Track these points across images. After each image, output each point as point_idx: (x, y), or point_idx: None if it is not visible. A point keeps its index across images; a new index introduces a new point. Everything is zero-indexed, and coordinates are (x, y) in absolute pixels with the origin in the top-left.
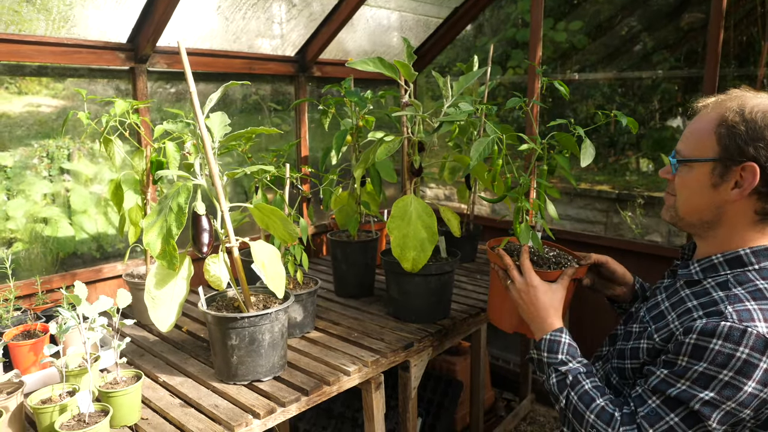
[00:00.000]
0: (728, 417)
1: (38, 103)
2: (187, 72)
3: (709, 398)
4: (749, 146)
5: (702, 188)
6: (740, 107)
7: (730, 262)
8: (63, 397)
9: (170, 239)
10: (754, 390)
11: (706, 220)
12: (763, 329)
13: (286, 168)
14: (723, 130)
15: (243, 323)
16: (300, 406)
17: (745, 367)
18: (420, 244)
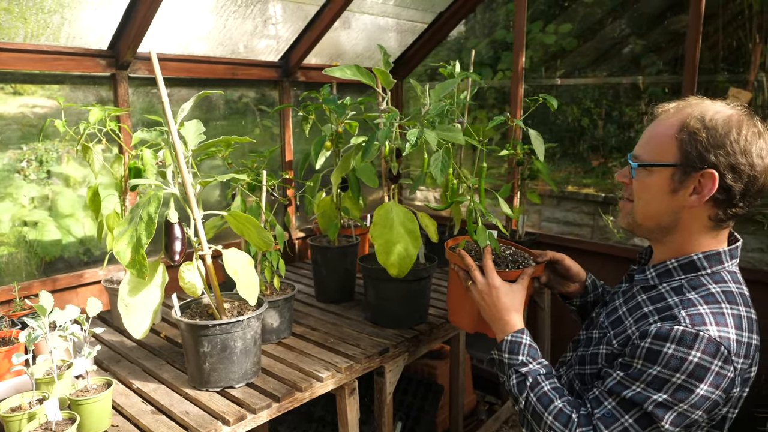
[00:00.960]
0: (681, 418)
1: (32, 104)
2: (158, 80)
3: (662, 400)
4: (710, 153)
5: (661, 193)
6: (701, 114)
7: (684, 267)
8: (33, 405)
9: (140, 248)
10: (706, 392)
11: (664, 226)
12: (714, 333)
13: (263, 175)
14: (684, 136)
15: (215, 330)
16: (271, 412)
17: (697, 370)
18: (404, 248)
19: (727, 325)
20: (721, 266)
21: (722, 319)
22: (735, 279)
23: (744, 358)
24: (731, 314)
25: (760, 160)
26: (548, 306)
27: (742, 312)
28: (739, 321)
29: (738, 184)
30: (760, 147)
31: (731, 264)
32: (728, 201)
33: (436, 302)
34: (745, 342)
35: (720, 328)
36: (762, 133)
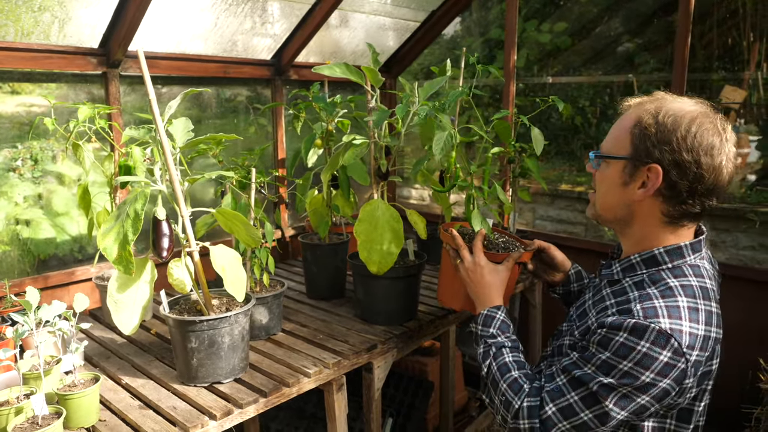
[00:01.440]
0: (627, 401)
1: (30, 103)
2: (145, 77)
3: (607, 382)
4: (656, 148)
5: (615, 185)
6: (656, 110)
7: (646, 262)
8: (20, 400)
9: (126, 245)
10: (652, 380)
11: (620, 218)
12: (665, 325)
13: (252, 172)
14: (637, 130)
15: (202, 326)
16: (258, 407)
17: (644, 359)
18: (387, 248)
19: (681, 318)
20: (682, 260)
21: (676, 312)
22: (697, 273)
23: (700, 350)
24: (686, 307)
25: (708, 158)
26: (539, 303)
27: (699, 305)
28: (695, 314)
29: (683, 181)
30: (710, 145)
31: (694, 258)
32: (675, 197)
33: (425, 299)
34: (701, 335)
35: (672, 320)
36: (718, 132)
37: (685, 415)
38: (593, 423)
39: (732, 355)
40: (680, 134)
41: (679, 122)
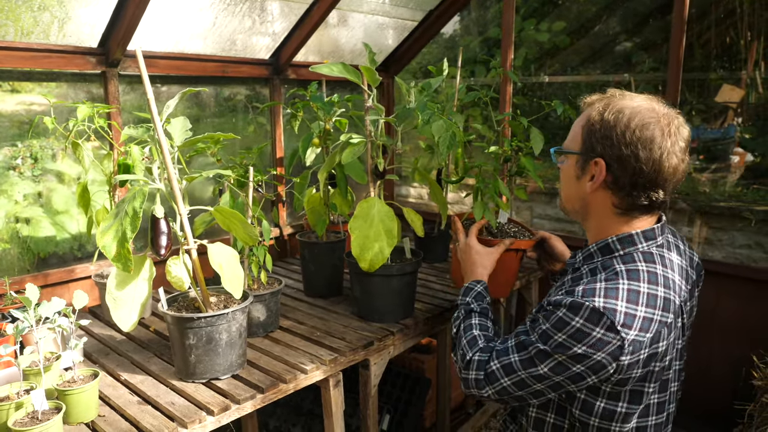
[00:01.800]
0: (560, 368)
1: (29, 102)
2: (143, 77)
3: (543, 349)
4: (599, 143)
5: (571, 179)
6: (603, 108)
7: (602, 250)
8: (20, 395)
9: (125, 242)
10: (584, 352)
11: (578, 209)
12: (599, 304)
13: (250, 171)
14: (586, 127)
15: (200, 323)
16: (255, 403)
17: (578, 333)
18: (379, 246)
19: (617, 299)
20: (633, 248)
21: (614, 293)
22: (648, 259)
23: (639, 330)
24: (627, 289)
25: (646, 152)
26: (535, 301)
27: (642, 288)
28: (635, 296)
29: (624, 174)
30: (648, 139)
31: (647, 245)
32: (620, 190)
33: (422, 297)
34: (641, 316)
35: (608, 300)
36: (661, 127)
37: (636, 397)
38: (530, 381)
39: (726, 353)
40: (620, 130)
41: (620, 118)
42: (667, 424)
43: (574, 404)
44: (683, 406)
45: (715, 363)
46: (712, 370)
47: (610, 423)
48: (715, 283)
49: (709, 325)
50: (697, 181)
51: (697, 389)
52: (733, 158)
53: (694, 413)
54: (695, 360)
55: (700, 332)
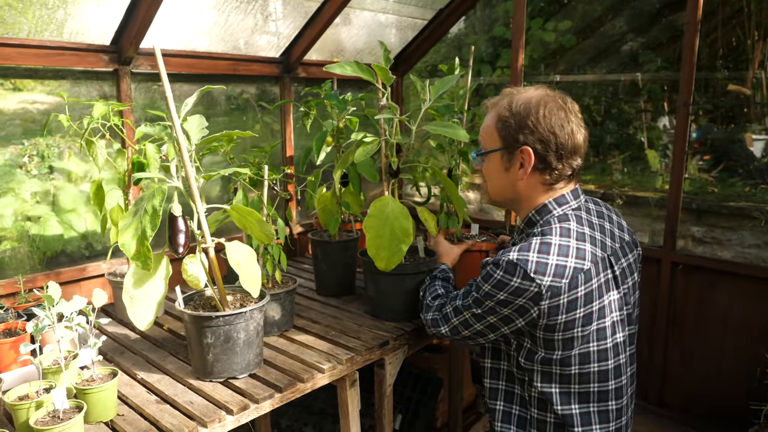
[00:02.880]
0: (492, 311)
1: (33, 100)
2: (162, 75)
3: (477, 296)
4: (519, 134)
5: (499, 173)
6: (509, 104)
7: (527, 224)
8: (40, 394)
9: (144, 240)
10: (506, 298)
11: (510, 198)
12: (513, 256)
13: (265, 169)
14: (500, 124)
15: (218, 322)
16: (273, 402)
17: (499, 283)
18: (395, 244)
19: (529, 251)
20: (549, 214)
21: (527, 247)
22: (563, 219)
23: (554, 276)
24: (539, 243)
25: (560, 130)
26: None
27: (554, 240)
28: (547, 248)
29: (549, 152)
30: (558, 118)
31: (561, 209)
32: (548, 167)
33: None
34: (553, 263)
35: (521, 253)
36: (561, 106)
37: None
38: (472, 321)
39: (739, 353)
40: (533, 117)
41: (529, 108)
42: (617, 375)
43: (520, 353)
44: (693, 406)
45: (727, 363)
46: (724, 370)
47: (550, 367)
48: (727, 282)
49: (721, 325)
50: (705, 181)
51: (708, 390)
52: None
53: (705, 414)
54: (706, 360)
55: (711, 332)
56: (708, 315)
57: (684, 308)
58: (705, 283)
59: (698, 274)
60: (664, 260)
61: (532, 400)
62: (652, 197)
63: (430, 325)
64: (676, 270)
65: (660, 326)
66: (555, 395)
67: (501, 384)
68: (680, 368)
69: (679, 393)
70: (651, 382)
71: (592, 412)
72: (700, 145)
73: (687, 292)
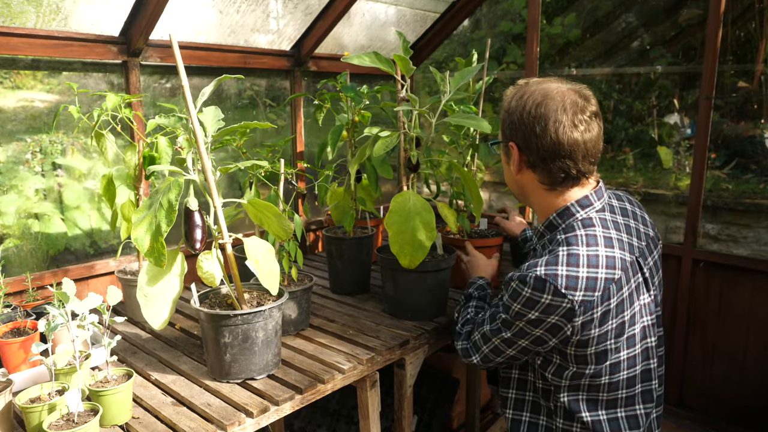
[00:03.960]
0: (522, 333)
1: (32, 98)
2: (179, 65)
3: (506, 318)
4: (509, 129)
5: (505, 164)
6: (512, 97)
7: (548, 227)
8: (52, 396)
9: (159, 236)
10: (538, 317)
11: (517, 192)
12: (540, 272)
13: (281, 163)
14: (502, 116)
15: (236, 321)
16: (294, 404)
17: (529, 302)
18: (418, 240)
19: (557, 264)
20: (572, 218)
21: (554, 260)
22: (588, 224)
23: (585, 290)
24: (566, 255)
25: (542, 128)
26: None
27: (581, 251)
28: (575, 259)
29: (530, 151)
30: (543, 116)
31: (584, 212)
32: (535, 166)
33: (455, 294)
34: (584, 276)
35: (548, 268)
36: (557, 104)
37: (602, 356)
38: (502, 347)
39: (762, 351)
40: (519, 113)
41: (521, 103)
42: (647, 380)
43: (548, 369)
44: (714, 407)
45: (749, 362)
46: (747, 369)
47: (579, 380)
48: (750, 280)
49: (744, 324)
50: (717, 178)
51: (729, 390)
52: None
53: (726, 415)
54: (728, 359)
55: (733, 331)
56: (730, 313)
57: (705, 307)
58: (727, 281)
59: (720, 272)
60: (685, 257)
61: (558, 411)
62: (664, 194)
63: (462, 354)
64: (697, 267)
65: (680, 325)
66: (581, 402)
67: (528, 395)
68: (701, 368)
69: (700, 393)
70: (670, 382)
71: (620, 418)
72: None
73: (708, 290)
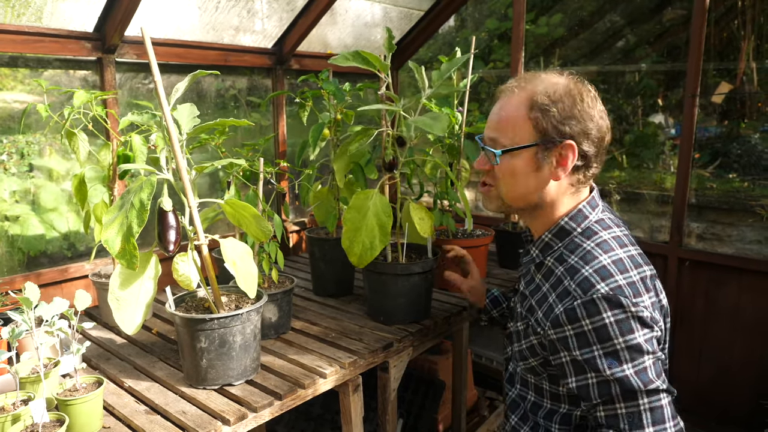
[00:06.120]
0: (657, 366)
1: (11, 99)
2: (151, 59)
3: (626, 368)
4: (564, 126)
5: (525, 174)
6: (545, 89)
7: (557, 235)
8: (17, 406)
9: (130, 237)
10: (644, 335)
11: (533, 203)
12: (605, 290)
13: (260, 162)
14: (537, 114)
15: (212, 325)
16: (273, 411)
17: (620, 325)
18: (370, 241)
19: (612, 275)
20: (587, 220)
21: (605, 271)
22: (604, 226)
23: (646, 292)
24: (611, 262)
25: (602, 122)
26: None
27: (620, 254)
28: (621, 265)
29: (592, 147)
30: (600, 110)
31: (595, 213)
32: (586, 165)
33: (439, 295)
34: (637, 279)
35: (607, 281)
36: (596, 96)
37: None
38: (654, 405)
39: (749, 350)
40: (578, 107)
41: (572, 96)
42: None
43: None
44: (703, 408)
45: (737, 362)
46: (735, 369)
47: None
48: (736, 279)
49: (730, 323)
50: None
51: (718, 390)
52: None
53: (715, 415)
54: (716, 359)
55: (720, 330)
56: (717, 312)
57: (691, 306)
58: (713, 280)
59: (706, 271)
60: (671, 257)
61: None
62: (649, 193)
63: None
64: (683, 266)
65: None
66: None
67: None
68: (688, 368)
69: (688, 394)
70: None
71: None
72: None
73: (694, 289)
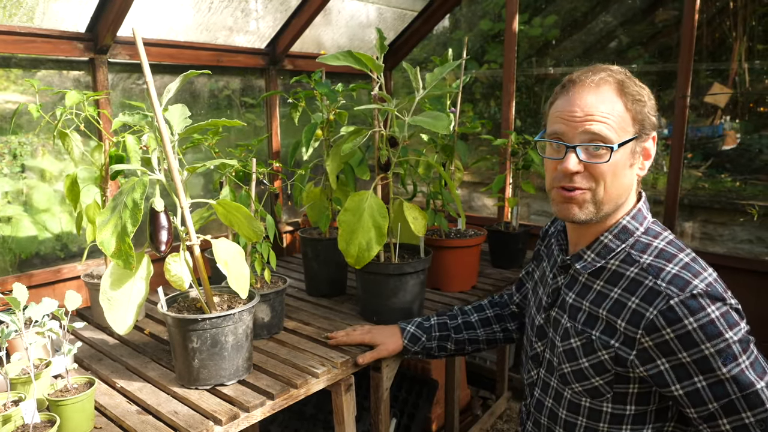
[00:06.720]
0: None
1: (5, 100)
2: (142, 59)
3: (742, 361)
4: (652, 116)
5: (624, 170)
6: (628, 80)
7: (618, 236)
8: (8, 407)
9: (125, 237)
10: (745, 327)
11: (620, 203)
12: (702, 286)
13: (253, 162)
14: (636, 106)
15: (204, 325)
16: (265, 410)
17: (726, 317)
18: (366, 242)
19: (701, 271)
20: (645, 220)
21: (692, 268)
22: (661, 227)
23: (727, 287)
24: (692, 259)
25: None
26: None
27: (691, 253)
28: (699, 263)
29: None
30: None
31: (649, 214)
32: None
33: (431, 295)
34: (715, 276)
35: (699, 278)
36: None
37: None
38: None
39: None
40: (648, 98)
41: (643, 87)
42: None
43: None
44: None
45: None
46: None
47: None
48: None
49: None
50: (694, 177)
51: None
52: None
53: None
54: None
55: None
56: None
57: None
58: None
59: None
60: None
61: None
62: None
63: None
64: None
65: None
66: None
67: None
68: None
69: None
70: None
71: None
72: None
73: None
